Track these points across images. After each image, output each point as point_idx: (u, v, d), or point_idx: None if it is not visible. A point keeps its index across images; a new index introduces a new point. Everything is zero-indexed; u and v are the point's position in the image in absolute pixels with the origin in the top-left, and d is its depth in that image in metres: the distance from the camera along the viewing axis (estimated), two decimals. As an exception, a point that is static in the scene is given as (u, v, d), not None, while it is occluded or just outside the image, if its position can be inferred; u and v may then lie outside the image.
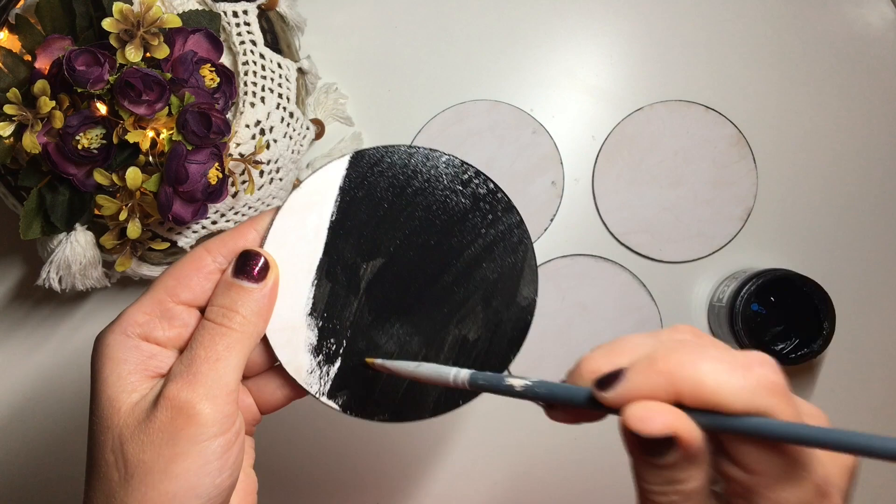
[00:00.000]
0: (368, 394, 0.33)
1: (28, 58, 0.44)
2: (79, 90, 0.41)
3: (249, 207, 0.51)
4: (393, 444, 0.58)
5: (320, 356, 0.33)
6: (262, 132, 0.49)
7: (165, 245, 0.49)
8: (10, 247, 0.58)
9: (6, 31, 0.45)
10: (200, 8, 0.48)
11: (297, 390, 0.34)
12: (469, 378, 0.29)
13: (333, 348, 0.33)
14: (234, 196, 0.49)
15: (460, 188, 0.34)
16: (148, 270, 0.51)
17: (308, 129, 0.53)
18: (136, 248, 0.48)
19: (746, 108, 0.59)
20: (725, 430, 0.23)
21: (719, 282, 0.58)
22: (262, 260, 0.31)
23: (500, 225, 0.34)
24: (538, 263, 0.58)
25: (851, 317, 0.58)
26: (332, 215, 0.33)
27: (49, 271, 0.47)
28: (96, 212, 0.45)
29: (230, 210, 0.50)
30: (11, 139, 0.42)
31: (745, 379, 0.22)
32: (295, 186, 0.56)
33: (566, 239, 0.59)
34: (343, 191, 0.33)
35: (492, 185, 0.34)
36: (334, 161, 0.33)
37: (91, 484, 0.30)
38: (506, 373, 0.29)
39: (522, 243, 0.34)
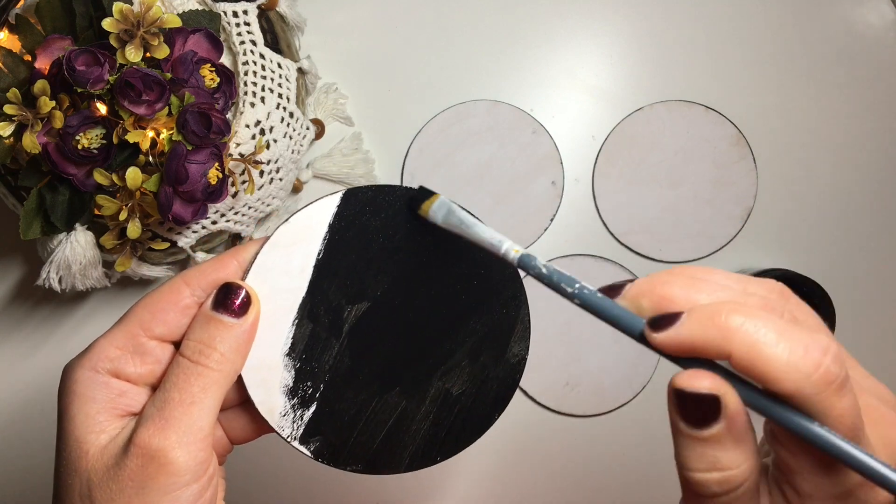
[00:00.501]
0: (343, 442, 0.32)
1: (28, 58, 0.44)
2: (79, 90, 0.41)
3: (249, 207, 0.51)
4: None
5: (295, 399, 0.32)
6: (262, 132, 0.49)
7: (165, 245, 0.49)
8: (10, 247, 0.58)
9: (6, 31, 0.45)
10: (200, 8, 0.48)
11: (269, 428, 0.32)
12: (520, 258, 0.26)
13: (310, 392, 0.32)
14: (234, 196, 0.49)
15: (454, 234, 0.32)
16: (148, 270, 0.51)
17: (308, 129, 0.53)
18: (136, 248, 0.48)
19: (746, 108, 0.59)
20: (767, 415, 0.22)
21: (719, 282, 0.57)
22: (244, 293, 0.30)
23: (494, 276, 0.32)
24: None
25: (851, 317, 0.58)
26: (318, 253, 0.31)
27: (49, 271, 0.47)
28: (96, 212, 0.45)
29: (230, 210, 0.50)
30: (11, 139, 0.42)
31: (803, 360, 0.21)
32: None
33: (566, 239, 0.58)
34: (332, 228, 0.31)
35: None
36: (325, 197, 0.31)
37: None
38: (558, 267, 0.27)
39: (516, 297, 0.32)
